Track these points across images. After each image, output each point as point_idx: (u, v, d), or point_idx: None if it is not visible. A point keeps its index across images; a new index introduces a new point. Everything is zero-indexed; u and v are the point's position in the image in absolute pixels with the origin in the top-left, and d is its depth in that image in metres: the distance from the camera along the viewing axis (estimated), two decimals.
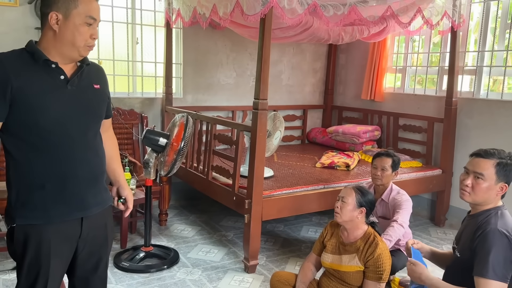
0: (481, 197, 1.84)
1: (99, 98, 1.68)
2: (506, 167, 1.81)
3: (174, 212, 4.41)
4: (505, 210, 1.83)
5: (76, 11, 1.49)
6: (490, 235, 1.72)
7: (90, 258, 1.69)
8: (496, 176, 1.81)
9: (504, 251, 1.69)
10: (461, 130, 4.17)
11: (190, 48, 4.57)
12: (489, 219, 1.79)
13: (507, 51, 3.88)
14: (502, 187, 1.82)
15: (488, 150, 1.87)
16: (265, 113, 3.01)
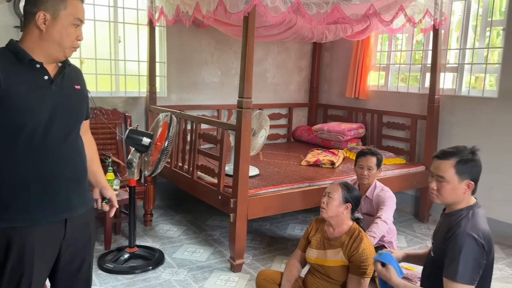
0: (449, 198, 1.84)
1: (81, 99, 1.67)
2: (467, 164, 1.79)
3: (159, 212, 4.37)
4: (478, 209, 1.81)
5: (65, 13, 1.50)
6: (460, 238, 1.72)
7: (73, 259, 1.66)
8: (458, 176, 1.79)
9: (472, 255, 1.68)
10: (444, 127, 4.22)
11: (174, 47, 4.53)
12: (459, 220, 1.78)
13: (488, 48, 3.93)
14: (468, 184, 1.79)
15: (446, 150, 1.85)
16: (250, 112, 3.00)
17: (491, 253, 1.74)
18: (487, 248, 1.71)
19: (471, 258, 1.68)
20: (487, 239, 1.71)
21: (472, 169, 1.80)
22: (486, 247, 1.70)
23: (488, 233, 1.73)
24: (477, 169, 1.81)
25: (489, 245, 1.72)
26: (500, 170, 3.81)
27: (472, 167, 1.80)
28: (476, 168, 1.81)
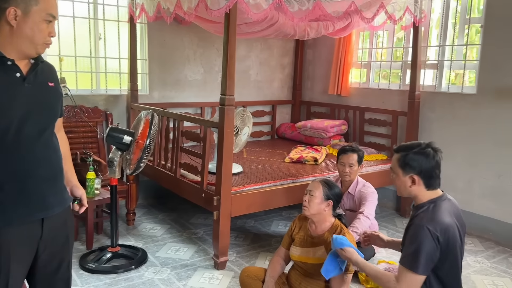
0: (401, 191, 1.94)
1: (54, 96, 1.64)
2: (412, 158, 1.85)
3: (142, 211, 4.34)
4: (443, 202, 1.85)
5: (37, 8, 1.46)
6: (415, 230, 1.78)
7: (52, 260, 1.64)
8: (401, 169, 1.87)
9: (425, 247, 1.74)
10: (424, 123, 4.29)
11: (155, 44, 4.49)
12: (420, 213, 1.84)
13: (467, 45, 4.00)
14: (412, 178, 1.86)
15: (401, 145, 1.95)
16: (232, 109, 2.99)
17: (449, 244, 1.77)
18: (443, 240, 1.75)
19: (423, 250, 1.74)
20: (445, 231, 1.75)
21: (417, 164, 1.84)
22: (442, 239, 1.74)
23: (447, 226, 1.77)
24: (425, 163, 1.84)
25: (446, 237, 1.76)
26: (479, 164, 3.88)
27: (418, 161, 1.84)
28: (423, 163, 1.84)
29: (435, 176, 1.86)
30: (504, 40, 3.63)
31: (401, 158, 1.88)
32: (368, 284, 2.97)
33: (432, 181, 1.86)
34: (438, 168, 1.87)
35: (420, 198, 1.89)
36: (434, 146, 1.90)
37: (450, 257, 1.81)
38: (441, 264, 1.79)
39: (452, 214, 1.84)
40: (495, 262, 3.40)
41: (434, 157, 1.86)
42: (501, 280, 3.09)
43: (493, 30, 3.71)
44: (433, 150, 1.87)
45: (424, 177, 1.85)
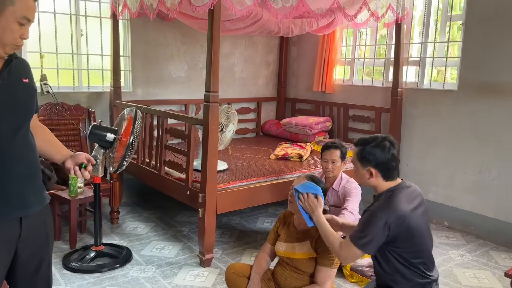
0: (362, 183, 2.02)
1: (29, 93, 1.59)
2: (368, 152, 1.92)
3: (127, 209, 4.30)
4: (400, 191, 1.91)
5: (12, 9, 1.40)
6: (370, 214, 1.88)
7: (31, 259, 1.61)
8: (360, 163, 1.95)
9: (373, 230, 1.83)
10: (407, 119, 4.34)
11: (138, 40, 4.44)
12: (377, 201, 1.93)
13: (448, 42, 4.06)
14: (370, 171, 1.93)
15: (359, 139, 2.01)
16: (217, 106, 2.98)
17: (407, 230, 1.83)
18: (398, 226, 1.82)
19: (370, 233, 1.84)
20: (399, 218, 1.82)
21: (374, 157, 1.90)
22: (395, 226, 1.81)
23: (402, 213, 1.83)
24: (381, 157, 1.90)
25: (403, 223, 1.82)
26: (460, 160, 3.95)
27: (374, 154, 1.90)
28: (379, 156, 1.90)
29: (391, 168, 1.92)
30: (484, 37, 3.69)
31: (359, 152, 1.96)
32: (353, 278, 3.00)
33: (389, 172, 1.92)
34: (394, 160, 1.93)
35: (379, 188, 1.96)
36: (390, 139, 1.96)
37: (413, 240, 1.87)
38: (404, 246, 1.86)
39: (411, 201, 1.91)
40: (476, 255, 3.47)
41: (390, 150, 1.91)
42: (482, 273, 3.16)
43: (474, 28, 3.77)
44: (390, 143, 1.93)
45: (381, 169, 1.91)
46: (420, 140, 4.27)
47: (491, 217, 3.74)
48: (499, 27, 3.59)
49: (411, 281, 1.88)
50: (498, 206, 3.69)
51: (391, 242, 1.85)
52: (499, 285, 2.98)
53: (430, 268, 1.93)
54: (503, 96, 3.60)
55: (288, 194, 2.43)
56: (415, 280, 1.88)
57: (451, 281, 3.01)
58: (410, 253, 1.87)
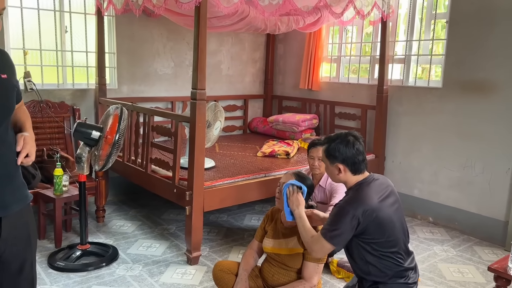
0: (332, 179, 2.09)
1: (8, 89, 1.53)
2: (333, 149, 2.00)
3: (113, 207, 4.26)
4: (368, 184, 1.97)
5: None
6: (338, 208, 1.95)
7: (14, 260, 1.57)
8: (328, 160, 2.03)
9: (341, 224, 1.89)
10: (392, 117, 4.38)
11: (124, 37, 4.40)
12: (346, 196, 2.01)
13: (433, 40, 4.11)
14: (338, 167, 1.99)
15: (327, 137, 2.08)
16: (204, 103, 2.97)
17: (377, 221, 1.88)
18: (365, 219, 1.87)
19: (338, 227, 1.90)
20: (365, 211, 1.87)
21: (340, 153, 1.97)
22: (363, 219, 1.86)
23: (368, 206, 1.88)
24: (347, 152, 1.97)
25: (369, 216, 1.87)
26: (444, 156, 4.01)
27: (339, 151, 1.98)
28: (345, 152, 1.97)
29: (358, 162, 1.98)
30: (468, 35, 3.75)
31: (325, 149, 2.04)
32: (339, 274, 3.02)
33: (356, 166, 1.98)
34: (360, 154, 1.99)
35: (348, 183, 2.02)
36: (354, 134, 2.04)
37: (384, 230, 1.91)
38: (375, 237, 1.91)
39: (380, 193, 1.96)
40: (460, 250, 3.53)
41: (355, 145, 1.99)
42: (466, 268, 3.21)
43: (458, 26, 3.82)
44: (353, 138, 2.01)
45: (348, 164, 1.98)
46: (405, 137, 4.32)
47: (475, 212, 3.81)
48: (483, 25, 3.65)
49: (384, 272, 1.93)
50: (481, 202, 3.76)
51: (360, 234, 1.91)
52: (483, 279, 3.04)
53: (405, 257, 1.97)
54: (486, 93, 3.66)
55: (276, 190, 2.44)
56: (388, 271, 1.92)
57: (435, 276, 3.06)
58: (382, 243, 1.91)
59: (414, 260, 2.02)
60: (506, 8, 3.49)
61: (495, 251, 3.52)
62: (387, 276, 1.92)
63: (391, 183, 2.06)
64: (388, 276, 1.91)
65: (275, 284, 2.41)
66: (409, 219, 4.21)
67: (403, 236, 1.98)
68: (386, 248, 1.91)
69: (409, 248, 2.02)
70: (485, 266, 3.21)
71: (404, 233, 2.00)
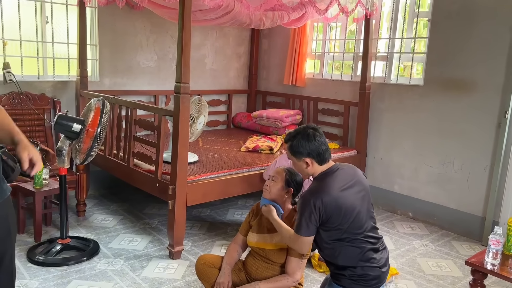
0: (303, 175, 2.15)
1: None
2: (296, 145, 2.04)
3: (94, 202, 4.21)
4: (331, 174, 2.02)
5: None
6: (301, 200, 2.00)
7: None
8: (294, 157, 2.07)
9: (305, 212, 1.94)
10: (374, 113, 4.44)
11: (106, 29, 4.33)
12: (311, 184, 2.07)
13: (415, 38, 4.16)
14: (305, 161, 2.03)
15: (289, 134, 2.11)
16: (188, 97, 2.95)
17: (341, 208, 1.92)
18: (328, 207, 1.92)
19: (304, 217, 1.95)
20: (327, 200, 1.92)
21: (304, 148, 2.02)
22: (324, 207, 1.91)
23: (330, 194, 1.93)
24: (310, 145, 2.02)
25: (332, 204, 1.92)
26: (424, 153, 4.08)
27: (302, 146, 2.02)
28: (308, 145, 2.02)
29: (322, 152, 2.04)
30: (450, 34, 3.81)
31: (289, 147, 2.08)
32: (321, 268, 3.06)
33: (321, 156, 2.04)
34: (322, 144, 2.04)
35: (316, 173, 2.07)
36: (312, 126, 2.09)
37: (348, 218, 1.96)
38: (339, 225, 1.95)
39: (344, 181, 2.01)
40: (439, 245, 3.61)
41: (315, 137, 2.04)
42: (444, 262, 3.29)
43: (440, 24, 3.88)
44: (313, 130, 2.06)
45: (314, 156, 2.02)
46: (386, 133, 4.38)
47: (453, 208, 3.89)
48: (464, 25, 3.71)
49: (350, 257, 1.97)
50: (460, 198, 3.84)
51: (325, 222, 1.95)
52: (460, 273, 3.11)
53: (372, 242, 2.01)
54: (466, 91, 3.73)
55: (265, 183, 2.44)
56: (354, 256, 1.97)
57: (415, 270, 3.12)
58: (346, 230, 1.95)
59: (383, 244, 2.07)
60: (487, 8, 3.56)
61: (472, 246, 3.60)
62: (354, 260, 1.97)
63: (358, 173, 2.10)
64: (355, 260, 1.97)
65: (259, 278, 2.41)
66: (389, 214, 4.29)
67: (370, 222, 2.03)
68: (351, 234, 1.96)
69: (377, 234, 2.06)
70: (462, 261, 3.28)
71: (371, 220, 2.05)
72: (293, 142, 2.06)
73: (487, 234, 3.61)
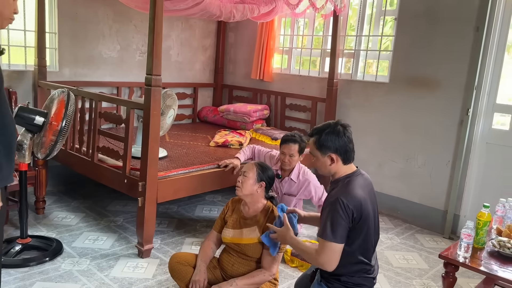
0: (322, 171, 2.01)
1: None
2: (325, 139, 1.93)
3: (53, 198, 3.99)
4: (357, 177, 1.97)
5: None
6: (331, 202, 1.87)
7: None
8: (319, 151, 1.96)
9: (337, 217, 1.83)
10: (341, 109, 4.49)
11: (66, 16, 4.10)
12: (335, 187, 1.95)
13: (381, 36, 4.25)
14: (331, 157, 1.93)
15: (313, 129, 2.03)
16: (159, 90, 2.85)
17: (362, 217, 1.88)
18: (356, 212, 1.86)
19: (338, 220, 1.83)
20: (356, 204, 1.86)
21: (332, 143, 1.93)
22: (355, 211, 1.85)
23: (359, 199, 1.87)
24: (339, 141, 1.93)
25: (358, 209, 1.86)
26: (389, 148, 4.18)
27: (331, 141, 1.93)
28: (337, 141, 1.93)
29: (349, 151, 1.97)
30: (415, 32, 3.91)
31: (317, 141, 1.98)
32: (293, 263, 3.06)
33: (348, 155, 1.97)
34: (350, 142, 1.98)
35: (338, 173, 1.99)
36: (342, 123, 2.01)
37: (364, 229, 1.92)
38: (355, 236, 1.90)
39: (364, 188, 1.97)
40: (404, 238, 3.72)
41: (345, 133, 1.97)
42: (410, 255, 3.39)
43: (406, 23, 3.98)
44: (342, 127, 1.98)
45: (341, 153, 1.95)
46: (352, 129, 4.35)
47: (416, 202, 4.02)
48: (429, 24, 3.82)
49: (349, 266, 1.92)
50: (422, 192, 3.98)
51: (351, 228, 1.87)
52: (426, 265, 3.22)
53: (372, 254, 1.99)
54: (430, 89, 3.86)
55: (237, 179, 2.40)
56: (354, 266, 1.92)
57: (383, 263, 3.19)
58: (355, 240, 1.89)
59: (376, 257, 2.06)
60: (451, 8, 3.68)
61: (435, 239, 3.74)
62: (354, 269, 1.92)
63: (371, 180, 2.06)
64: (356, 270, 1.92)
65: (235, 274, 2.38)
66: None
67: (375, 236, 2.00)
68: (357, 245, 1.90)
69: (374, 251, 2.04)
70: (427, 253, 3.41)
71: (376, 233, 2.01)
72: (321, 136, 1.93)
73: (449, 227, 3.77)
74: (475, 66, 3.54)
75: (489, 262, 2.16)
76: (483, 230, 2.29)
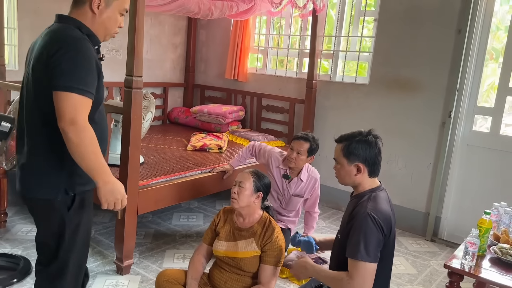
0: (345, 180, 1.88)
1: None
2: (355, 147, 1.83)
3: (14, 210, 3.64)
4: (380, 192, 1.87)
5: (117, 2, 1.66)
6: (361, 218, 1.74)
7: None
8: (346, 159, 1.84)
9: (371, 234, 1.71)
10: (320, 111, 4.41)
11: (27, 11, 3.75)
12: (362, 202, 1.81)
13: (361, 37, 4.20)
14: (357, 167, 1.83)
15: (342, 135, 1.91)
16: (140, 93, 2.62)
17: (391, 233, 1.80)
18: (386, 228, 1.75)
19: (371, 238, 1.70)
20: (386, 220, 1.76)
21: (361, 152, 1.82)
22: (385, 227, 1.74)
23: (388, 215, 1.79)
24: (369, 151, 1.83)
25: (388, 226, 1.77)
26: None
27: (361, 149, 1.82)
28: (367, 151, 1.83)
29: (377, 163, 1.87)
30: (395, 34, 3.88)
31: (345, 147, 1.85)
32: (283, 274, 2.94)
33: (375, 167, 1.86)
34: (380, 154, 1.88)
35: (362, 186, 1.87)
36: (374, 133, 1.90)
37: (389, 248, 1.83)
38: (381, 257, 1.77)
39: (387, 204, 1.86)
40: None
41: (376, 144, 1.86)
42: (397, 259, 3.33)
43: (386, 24, 3.94)
44: (374, 137, 1.87)
45: (369, 164, 1.84)
46: (332, 131, 4.30)
47: (398, 204, 3.99)
48: (409, 25, 3.80)
49: None
50: (404, 195, 3.96)
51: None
52: (414, 270, 3.19)
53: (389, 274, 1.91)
54: (411, 91, 3.84)
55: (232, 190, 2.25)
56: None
57: None
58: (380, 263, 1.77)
59: None
60: (432, 10, 3.67)
61: (417, 241, 3.74)
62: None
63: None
64: None
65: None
66: (334, 211, 4.31)
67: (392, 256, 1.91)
68: (381, 266, 1.77)
69: None
70: (413, 257, 3.39)
71: (393, 252, 1.91)
72: (351, 143, 1.83)
73: (430, 229, 3.78)
74: (457, 68, 3.55)
75: (492, 270, 2.13)
76: (484, 237, 2.25)
